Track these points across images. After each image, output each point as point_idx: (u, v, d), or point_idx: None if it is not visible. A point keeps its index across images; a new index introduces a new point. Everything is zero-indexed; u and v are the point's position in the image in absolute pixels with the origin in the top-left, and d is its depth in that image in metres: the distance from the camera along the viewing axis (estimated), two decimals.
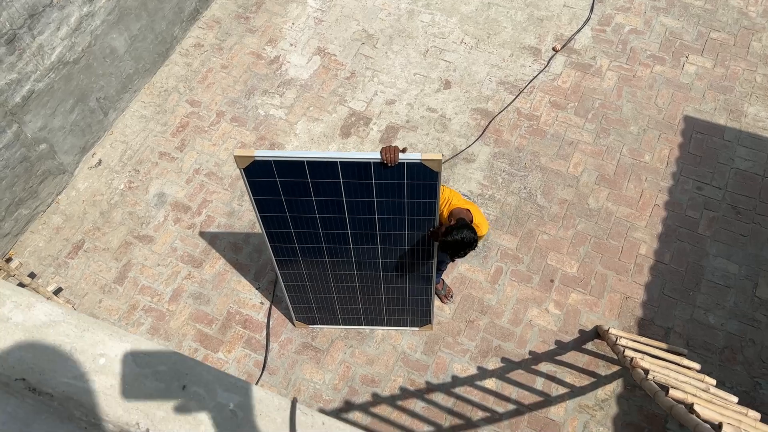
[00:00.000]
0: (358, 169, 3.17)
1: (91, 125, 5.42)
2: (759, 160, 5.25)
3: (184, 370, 1.27)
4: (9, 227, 4.99)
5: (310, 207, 3.45)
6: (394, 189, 3.27)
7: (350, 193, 3.33)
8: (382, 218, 3.50)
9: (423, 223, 3.52)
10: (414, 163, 3.12)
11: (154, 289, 4.90)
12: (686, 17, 6.03)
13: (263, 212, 3.54)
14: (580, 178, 5.24)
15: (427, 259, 3.87)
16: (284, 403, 1.25)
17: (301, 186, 3.31)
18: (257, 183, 3.32)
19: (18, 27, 4.45)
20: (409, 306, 4.41)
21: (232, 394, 1.25)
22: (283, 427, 1.20)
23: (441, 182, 3.30)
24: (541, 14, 6.14)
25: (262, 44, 6.11)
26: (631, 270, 4.84)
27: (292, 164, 3.17)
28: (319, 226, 3.60)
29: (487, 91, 5.70)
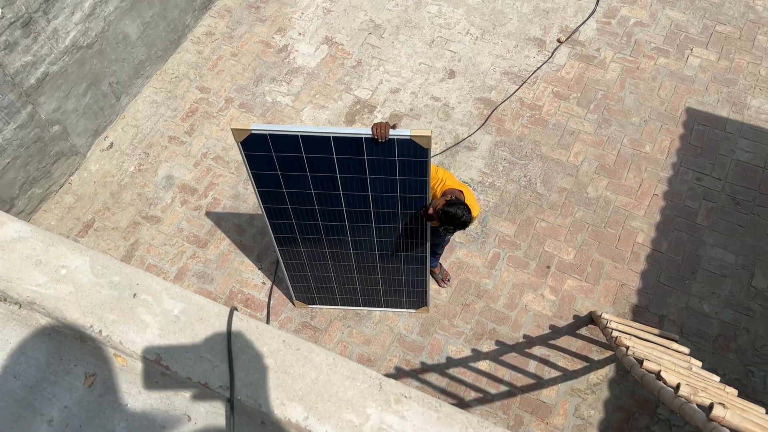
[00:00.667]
0: (350, 144, 3.27)
1: (103, 109, 5.58)
2: (760, 152, 5.26)
3: (135, 280, 1.39)
4: (23, 205, 5.17)
5: (305, 182, 3.56)
6: (386, 166, 3.37)
7: (344, 169, 3.43)
8: (375, 195, 3.60)
9: (415, 201, 3.61)
10: (404, 140, 3.21)
11: (159, 268, 5.05)
12: (692, 10, 6.04)
13: (261, 187, 3.66)
14: (580, 167, 5.29)
15: (420, 238, 3.96)
16: (223, 310, 1.36)
17: (296, 161, 3.42)
18: (254, 157, 3.44)
19: (34, 11, 4.61)
20: (406, 287, 4.51)
21: (176, 301, 1.37)
22: (221, 330, 1.31)
23: (432, 161, 3.39)
24: (547, 6, 6.20)
25: (272, 33, 6.24)
26: (627, 258, 4.89)
27: (287, 138, 3.29)
28: (315, 203, 3.71)
29: (490, 81, 5.78)
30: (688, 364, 3.24)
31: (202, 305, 1.40)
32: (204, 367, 1.37)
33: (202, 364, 1.37)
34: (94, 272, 1.37)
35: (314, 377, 1.47)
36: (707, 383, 2.85)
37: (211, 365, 1.39)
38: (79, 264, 1.34)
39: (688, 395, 2.04)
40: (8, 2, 4.39)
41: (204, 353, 1.38)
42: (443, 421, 1.45)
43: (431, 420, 1.45)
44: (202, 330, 1.34)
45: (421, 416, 1.47)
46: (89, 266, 1.37)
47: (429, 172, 3.41)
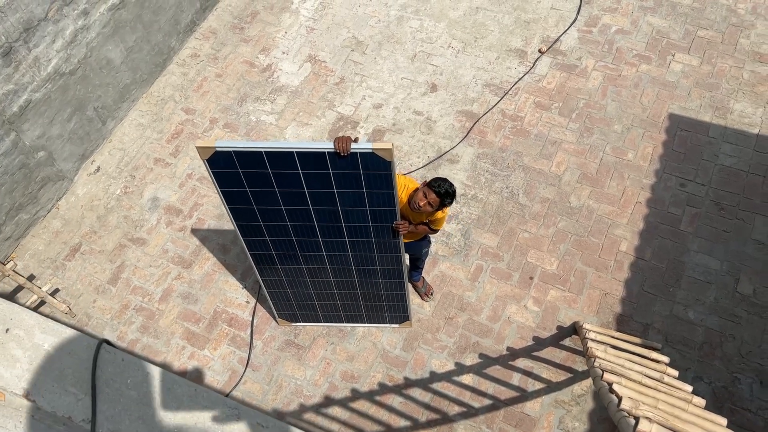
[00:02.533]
0: (314, 158, 3.28)
1: (89, 133, 5.65)
2: (744, 157, 5.22)
3: (9, 315, 1.41)
4: (10, 231, 5.23)
5: (274, 199, 3.58)
6: (352, 180, 3.38)
7: (310, 183, 3.44)
8: (345, 210, 3.61)
9: (384, 215, 3.62)
10: (366, 153, 3.22)
11: (145, 290, 5.08)
12: (674, 16, 6.04)
13: (231, 204, 3.67)
14: (562, 177, 5.28)
15: (395, 252, 3.96)
16: (92, 342, 1.37)
17: (263, 177, 3.43)
18: (222, 174, 3.45)
19: (14, 40, 4.70)
20: (386, 302, 4.50)
21: (47, 335, 1.38)
22: (87, 363, 1.32)
23: (403, 173, 3.40)
24: (528, 17, 6.22)
25: (256, 53, 6.30)
26: (611, 267, 4.86)
27: (251, 154, 3.30)
28: (287, 218, 3.73)
29: (472, 94, 5.79)
30: (660, 374, 3.20)
31: (73, 338, 1.42)
32: (68, 400, 1.40)
33: (66, 398, 1.39)
34: None
35: (176, 408, 1.48)
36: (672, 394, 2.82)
37: (75, 399, 1.41)
38: None
39: (629, 408, 2.02)
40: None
41: (69, 387, 1.40)
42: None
43: None
44: (70, 363, 1.36)
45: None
46: None
47: (395, 185, 3.42)
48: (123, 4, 5.49)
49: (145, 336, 4.88)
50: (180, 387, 1.48)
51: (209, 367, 4.74)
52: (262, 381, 4.65)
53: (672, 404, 2.49)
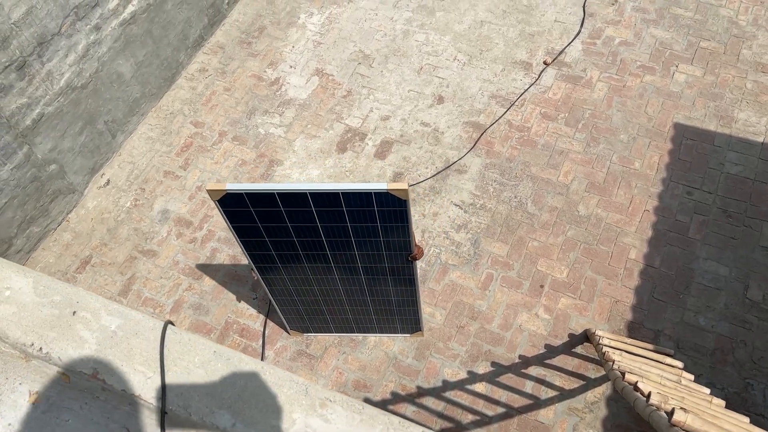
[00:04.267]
0: (327, 198, 3.28)
1: (99, 147, 5.70)
2: (749, 164, 5.27)
3: (76, 299, 1.44)
4: (21, 244, 5.25)
5: (287, 232, 3.59)
6: (366, 215, 3.39)
7: (323, 219, 3.45)
8: (358, 240, 3.62)
9: (399, 244, 3.63)
10: (381, 193, 3.23)
11: (156, 301, 5.09)
12: (676, 28, 6.12)
13: (243, 237, 3.68)
14: (570, 186, 5.32)
15: (408, 275, 3.97)
16: (158, 324, 1.40)
17: (275, 214, 3.44)
18: (233, 212, 3.46)
19: (28, 54, 4.76)
20: (398, 315, 4.51)
21: (114, 317, 1.41)
22: (155, 343, 1.34)
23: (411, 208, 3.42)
24: (532, 30, 6.30)
25: (263, 67, 6.37)
26: (620, 274, 4.88)
27: (263, 196, 3.30)
28: (299, 248, 3.74)
29: (479, 105, 5.85)
30: (677, 377, 3.22)
31: (138, 320, 1.46)
32: (137, 379, 1.43)
33: (135, 377, 1.43)
34: (36, 292, 1.42)
35: (243, 385, 1.52)
36: (693, 395, 2.84)
37: (144, 377, 1.44)
38: (22, 285, 1.40)
39: (658, 403, 2.03)
40: (3, 46, 4.53)
41: (138, 366, 1.44)
42: (366, 422, 1.50)
43: (354, 422, 1.50)
44: (137, 344, 1.39)
45: (344, 419, 1.52)
46: (32, 287, 1.42)
47: (410, 219, 3.42)
48: (134, 20, 5.57)
49: None
50: (246, 365, 1.51)
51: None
52: None
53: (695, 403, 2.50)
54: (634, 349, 4.01)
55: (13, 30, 4.57)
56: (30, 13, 4.64)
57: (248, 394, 1.52)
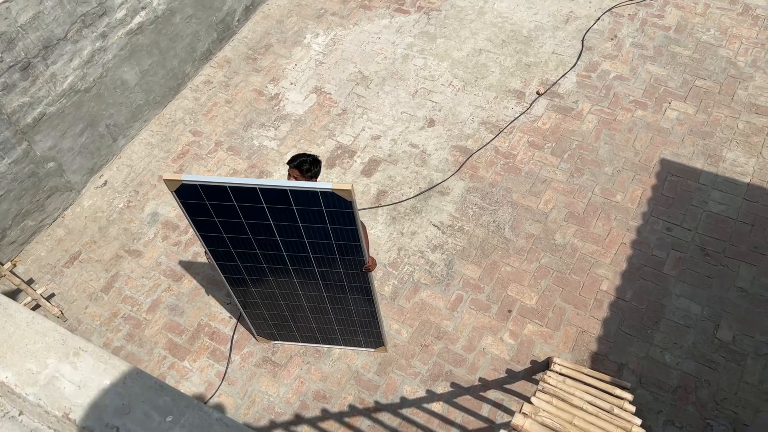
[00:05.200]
0: (276, 195, 3.36)
1: (100, 149, 5.95)
2: (733, 204, 5.22)
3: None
4: (15, 236, 5.49)
5: (242, 229, 3.68)
6: (315, 215, 3.46)
7: (276, 217, 3.53)
8: (311, 242, 3.70)
9: (350, 248, 3.70)
10: (327, 192, 3.30)
11: (135, 299, 5.25)
12: (673, 65, 6.14)
13: (202, 231, 3.77)
14: (549, 214, 5.34)
15: (363, 283, 4.04)
16: None
17: (230, 208, 3.52)
18: (190, 204, 3.54)
19: (33, 56, 5.03)
20: (360, 327, 4.57)
21: None
22: None
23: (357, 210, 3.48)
24: (529, 60, 6.39)
25: (266, 82, 6.58)
26: (590, 305, 4.86)
27: (217, 188, 3.39)
28: (256, 247, 3.83)
29: (468, 130, 5.93)
30: (611, 406, 3.20)
31: None
32: None
33: None
34: None
35: (11, 332, 1.70)
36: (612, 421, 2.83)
37: None
38: None
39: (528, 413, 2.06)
40: (8, 47, 4.81)
41: None
42: (108, 371, 1.65)
43: (99, 370, 1.66)
44: None
45: (91, 367, 1.67)
46: None
47: (357, 222, 3.48)
48: (140, 30, 5.84)
49: (129, 344, 5.03)
50: (20, 314, 1.72)
51: (187, 378, 4.84)
52: (236, 395, 4.73)
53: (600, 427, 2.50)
54: (588, 379, 3.98)
55: (19, 32, 4.85)
56: (37, 17, 4.93)
57: (14, 341, 1.69)
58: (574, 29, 6.58)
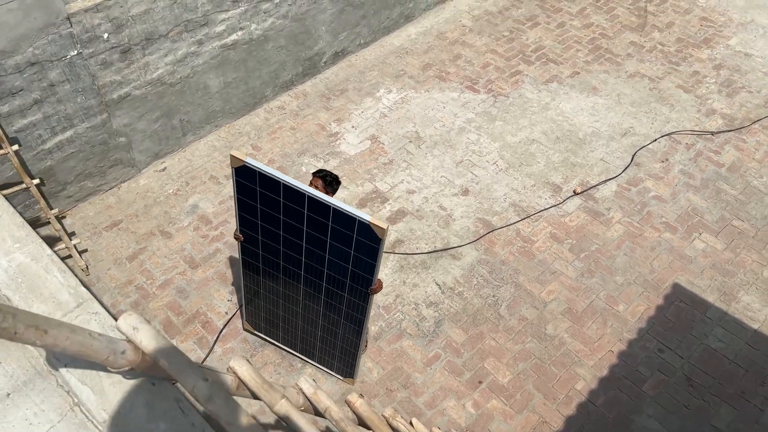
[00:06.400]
0: (321, 207, 3.69)
1: (168, 138, 6.61)
2: (733, 345, 5.14)
3: None
4: (73, 191, 6.15)
5: (277, 223, 4.03)
6: (345, 238, 3.77)
7: (311, 225, 3.86)
8: (330, 259, 4.00)
9: (363, 279, 3.98)
10: (363, 222, 3.61)
11: (151, 274, 5.72)
12: (715, 200, 6.19)
13: (241, 211, 4.15)
14: (548, 304, 5.44)
15: (360, 314, 4.28)
16: None
17: (275, 202, 3.88)
18: (242, 185, 3.93)
19: (134, 44, 5.78)
20: (339, 353, 4.80)
21: None
22: None
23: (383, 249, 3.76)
24: (576, 161, 6.61)
25: (330, 120, 7.12)
26: (559, 399, 4.88)
27: (272, 180, 3.75)
28: (281, 244, 4.17)
29: (497, 208, 6.18)
30: None
31: None
32: None
33: None
34: None
35: None
36: None
37: None
38: None
39: None
40: (116, 31, 5.57)
41: None
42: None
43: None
44: None
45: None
46: None
47: (378, 259, 3.76)
48: (234, 47, 6.55)
49: (132, 310, 5.46)
50: None
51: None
52: None
53: None
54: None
55: (128, 21, 5.61)
56: (147, 13, 5.69)
57: None
58: (628, 144, 6.77)
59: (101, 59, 5.61)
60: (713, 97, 7.29)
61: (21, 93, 5.21)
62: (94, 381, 1.25)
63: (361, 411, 2.01)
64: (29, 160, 5.59)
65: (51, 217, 5.47)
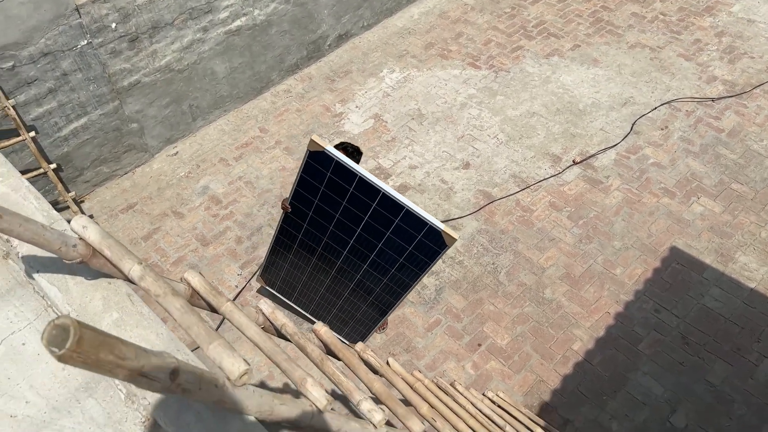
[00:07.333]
0: (393, 205, 3.78)
1: (179, 123, 6.87)
2: (729, 304, 5.24)
3: None
4: (90, 176, 6.45)
5: (335, 206, 4.09)
6: (408, 236, 3.87)
7: (375, 217, 3.94)
8: (382, 249, 4.10)
9: (409, 273, 4.11)
10: (435, 230, 3.74)
11: (165, 252, 5.99)
12: (714, 165, 6.25)
13: (299, 187, 4.14)
14: (546, 270, 5.59)
15: (395, 298, 4.43)
16: None
17: (342, 189, 3.94)
18: (311, 166, 3.94)
19: (142, 32, 6.03)
20: (354, 322, 4.96)
21: None
22: None
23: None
24: (576, 131, 6.72)
25: (335, 101, 7.32)
26: (556, 359, 5.03)
27: (349, 171, 3.80)
28: (332, 224, 4.22)
29: (498, 179, 6.32)
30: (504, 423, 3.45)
31: None
32: None
33: None
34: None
35: None
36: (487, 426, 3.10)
37: None
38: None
39: None
40: (123, 20, 5.82)
41: None
42: None
43: None
44: None
45: None
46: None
47: (435, 262, 3.92)
48: (238, 33, 6.77)
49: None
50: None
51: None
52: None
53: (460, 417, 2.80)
54: (524, 418, 4.19)
55: (135, 11, 5.86)
56: (153, 2, 5.93)
57: None
58: (628, 113, 6.85)
59: (110, 48, 5.87)
60: (714, 64, 7.31)
61: (36, 82, 5.50)
62: (60, 282, 1.47)
63: (326, 338, 2.21)
64: (47, 146, 5.89)
65: (69, 199, 5.77)
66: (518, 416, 4.16)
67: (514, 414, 4.16)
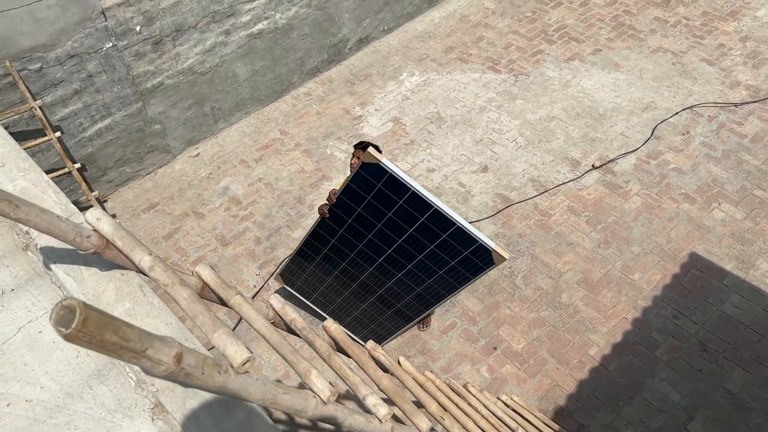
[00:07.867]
0: (444, 221, 3.75)
1: (201, 125, 6.97)
2: (750, 311, 5.17)
3: None
4: (113, 176, 6.57)
5: (379, 217, 4.01)
6: (455, 251, 3.86)
7: (421, 230, 3.92)
8: (423, 260, 4.09)
9: (447, 284, 4.12)
10: (485, 248, 3.74)
11: (185, 251, 6.08)
12: (736, 171, 6.17)
13: (343, 194, 4.10)
14: (564, 274, 5.56)
15: (425, 307, 4.44)
16: None
17: (390, 200, 3.85)
18: (361, 176, 3.87)
19: (165, 35, 6.14)
20: (374, 326, 4.97)
21: None
22: None
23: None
24: (596, 135, 6.68)
25: (355, 104, 7.37)
26: (572, 364, 5.01)
27: (401, 184, 3.73)
28: (372, 233, 4.18)
29: (516, 183, 6.31)
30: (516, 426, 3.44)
31: None
32: None
33: None
34: None
35: None
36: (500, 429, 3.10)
37: None
38: None
39: None
40: (147, 24, 5.93)
41: None
42: None
43: None
44: None
45: None
46: None
47: (478, 278, 3.93)
48: (260, 36, 6.86)
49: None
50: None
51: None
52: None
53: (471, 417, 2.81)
54: (533, 420, 4.18)
55: (159, 14, 5.97)
56: (176, 5, 6.04)
57: None
58: (649, 117, 6.80)
59: (135, 50, 5.98)
60: (738, 69, 7.22)
61: (62, 84, 5.63)
62: (75, 272, 1.53)
63: (335, 335, 2.24)
64: (72, 147, 6.03)
65: (92, 198, 5.88)
66: (532, 420, 4.15)
67: (527, 417, 4.15)
